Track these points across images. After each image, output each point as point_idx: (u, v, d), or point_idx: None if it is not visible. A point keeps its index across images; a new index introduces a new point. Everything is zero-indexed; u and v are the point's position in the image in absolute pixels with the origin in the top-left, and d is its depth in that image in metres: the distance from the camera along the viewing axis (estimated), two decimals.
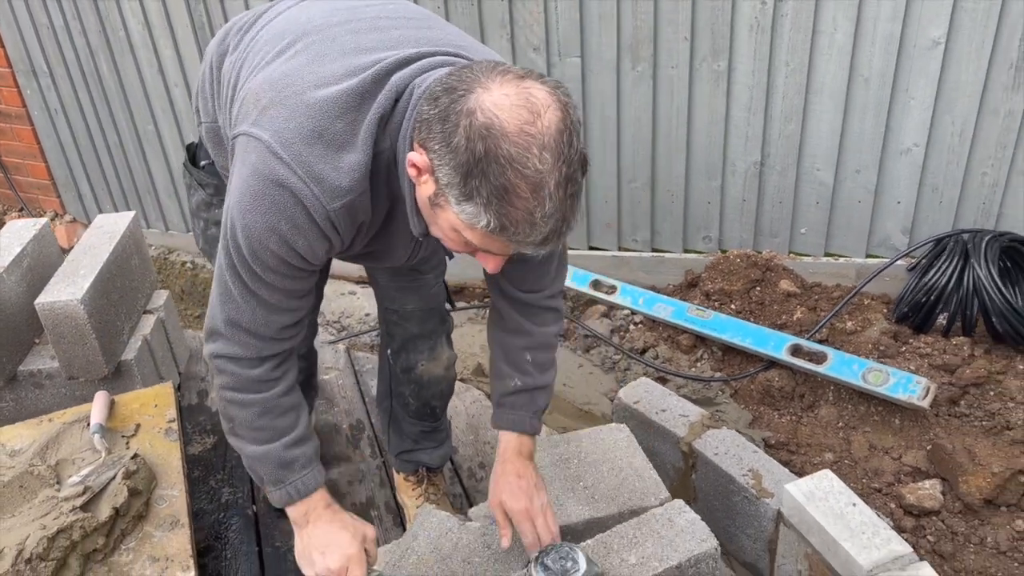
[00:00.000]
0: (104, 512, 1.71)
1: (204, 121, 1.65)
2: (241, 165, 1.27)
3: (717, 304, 2.84)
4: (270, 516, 2.23)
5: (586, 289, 3.05)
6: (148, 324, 2.58)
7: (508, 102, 1.08)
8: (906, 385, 2.27)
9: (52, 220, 4.16)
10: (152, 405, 2.12)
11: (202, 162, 1.74)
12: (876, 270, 2.69)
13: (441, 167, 1.12)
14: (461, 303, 3.24)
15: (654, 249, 3.13)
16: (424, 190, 1.18)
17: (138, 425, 2.05)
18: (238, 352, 1.39)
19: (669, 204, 3.02)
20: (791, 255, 2.95)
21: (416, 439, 2.11)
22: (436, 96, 1.14)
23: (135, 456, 1.86)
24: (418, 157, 1.15)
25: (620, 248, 3.17)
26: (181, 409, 2.42)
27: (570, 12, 2.77)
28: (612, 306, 3.00)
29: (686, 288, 3.01)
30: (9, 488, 1.77)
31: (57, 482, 1.82)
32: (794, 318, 2.70)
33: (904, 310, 2.54)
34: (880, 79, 2.57)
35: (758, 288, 2.84)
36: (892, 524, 2.01)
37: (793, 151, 2.78)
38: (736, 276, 2.86)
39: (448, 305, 2.01)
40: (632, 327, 2.91)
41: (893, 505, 2.11)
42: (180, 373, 2.80)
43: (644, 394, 2.18)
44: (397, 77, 1.24)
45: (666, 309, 2.84)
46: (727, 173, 2.90)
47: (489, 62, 1.17)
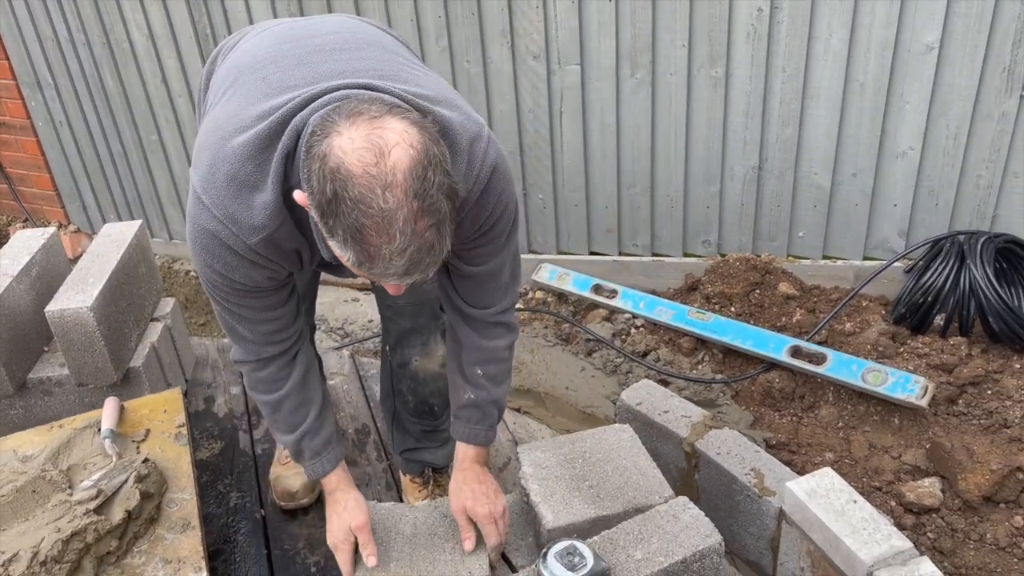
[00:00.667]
0: (117, 515, 1.74)
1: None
2: (187, 207, 1.40)
3: (717, 307, 2.87)
4: (278, 519, 2.25)
5: (587, 293, 3.09)
6: (155, 331, 2.61)
7: (353, 145, 1.13)
8: (905, 385, 2.30)
9: (56, 230, 4.18)
10: (161, 411, 2.15)
11: None
12: (874, 272, 2.73)
13: (311, 206, 1.19)
14: None
15: (654, 254, 3.16)
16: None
17: (148, 430, 2.08)
18: (246, 357, 1.60)
19: (669, 209, 3.05)
20: (790, 258, 2.98)
21: (418, 438, 2.15)
22: (308, 140, 1.21)
23: (146, 460, 1.88)
24: (299, 195, 1.23)
25: (621, 253, 3.20)
26: (188, 415, 2.44)
27: (569, 21, 2.81)
28: (613, 310, 3.04)
29: (686, 292, 3.04)
30: (22, 493, 1.80)
31: (69, 487, 1.84)
32: (793, 320, 2.74)
33: (902, 311, 2.58)
34: (875, 84, 2.61)
35: (757, 291, 2.87)
36: (893, 522, 2.04)
37: (790, 155, 2.81)
38: (736, 279, 2.89)
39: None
40: (633, 330, 2.95)
41: (893, 503, 2.14)
42: (187, 380, 2.82)
43: (647, 396, 2.20)
44: (299, 117, 1.29)
45: (667, 312, 2.87)
46: (726, 178, 2.94)
47: (361, 101, 1.21)
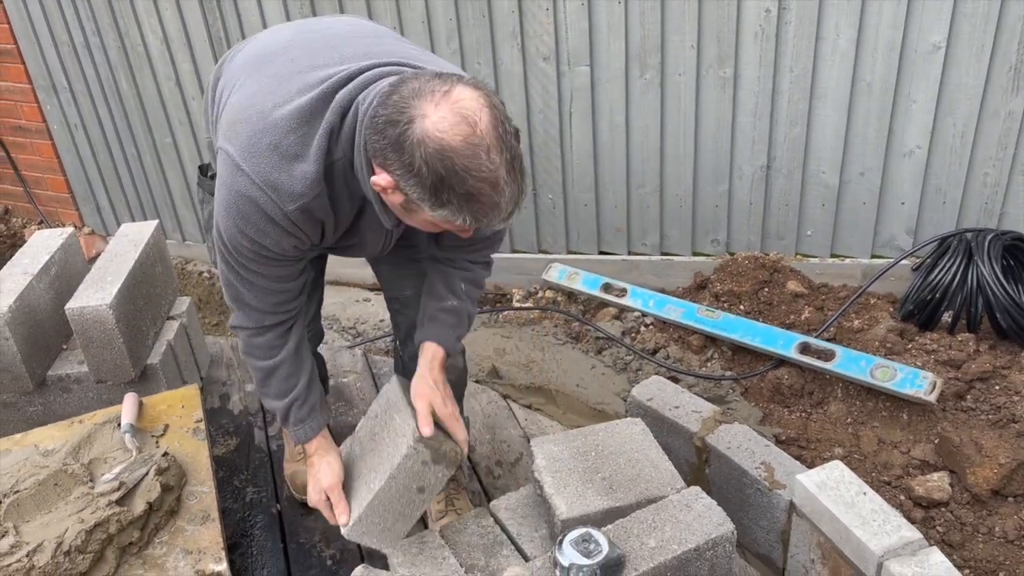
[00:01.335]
0: (138, 507, 1.77)
1: (208, 138, 1.81)
2: (219, 176, 1.48)
3: (726, 305, 2.90)
4: (294, 513, 2.28)
5: (597, 292, 3.11)
6: (171, 329, 2.65)
7: (446, 123, 1.26)
8: (913, 380, 2.32)
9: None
10: (179, 406, 2.18)
11: (205, 171, 1.93)
12: (882, 270, 2.75)
13: (409, 187, 1.31)
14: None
15: (663, 253, 3.19)
16: (393, 199, 1.38)
17: (166, 425, 2.11)
18: (246, 323, 1.67)
19: (677, 208, 3.08)
20: (798, 256, 3.00)
21: None
22: (381, 128, 1.31)
23: (166, 454, 1.92)
24: (383, 179, 1.34)
25: (630, 252, 3.23)
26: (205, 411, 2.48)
27: (579, 23, 2.84)
28: (623, 308, 3.06)
29: (695, 290, 3.07)
30: (44, 486, 1.83)
31: (90, 480, 1.87)
32: (802, 318, 2.76)
33: (910, 308, 2.60)
34: (882, 83, 2.64)
35: (766, 289, 2.90)
36: (902, 516, 2.06)
37: (799, 155, 2.84)
38: (744, 278, 2.92)
39: None
40: (643, 328, 2.97)
41: (903, 497, 2.15)
42: (202, 377, 2.86)
43: (657, 391, 2.22)
44: (342, 93, 1.41)
45: (676, 311, 2.90)
46: (734, 177, 2.96)
47: (415, 79, 1.32)
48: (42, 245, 2.60)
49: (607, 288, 3.13)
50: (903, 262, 2.75)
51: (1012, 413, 2.22)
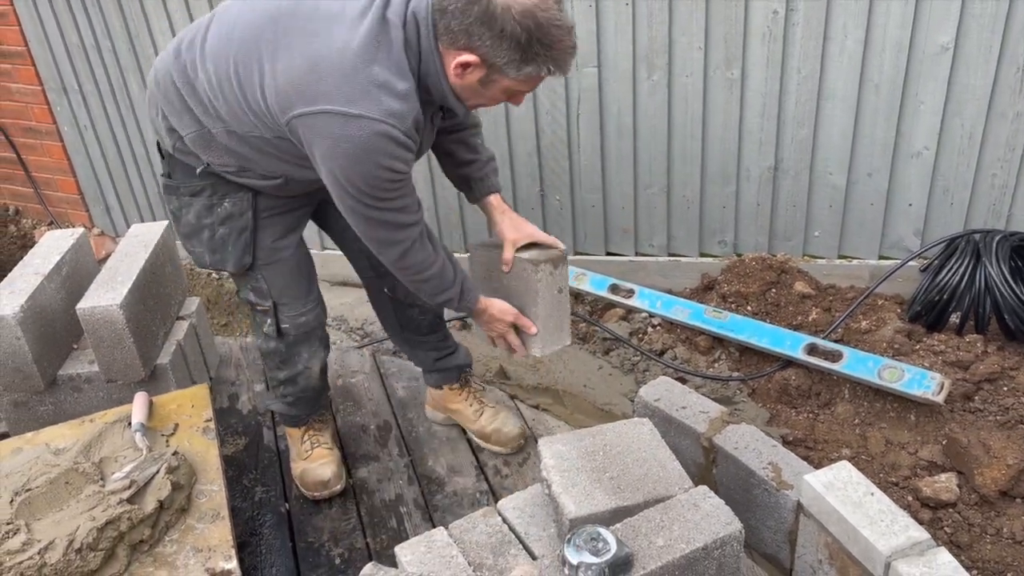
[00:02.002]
0: (149, 505, 1.79)
1: (186, 134, 1.84)
2: (323, 137, 1.58)
3: (733, 306, 2.90)
4: (303, 513, 2.30)
5: (604, 293, 3.12)
6: (181, 330, 2.67)
7: None
8: (921, 381, 2.31)
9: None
10: (189, 405, 2.20)
11: (176, 177, 1.98)
12: (889, 271, 2.75)
13: (499, 53, 1.54)
14: None
15: (670, 254, 3.19)
16: (472, 77, 1.61)
17: (176, 424, 2.13)
18: (412, 237, 1.80)
19: (685, 209, 3.08)
20: (805, 258, 3.00)
21: (440, 349, 2.43)
22: (462, 11, 1.52)
23: (176, 452, 1.93)
24: (469, 57, 1.57)
25: (637, 253, 3.23)
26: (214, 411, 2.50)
27: (587, 23, 2.85)
28: (630, 309, 3.07)
29: (702, 291, 3.07)
30: (55, 484, 1.85)
31: (101, 478, 1.89)
32: (809, 319, 2.76)
33: (918, 309, 2.60)
34: (890, 84, 2.64)
35: (773, 290, 2.90)
36: (910, 516, 2.06)
37: (806, 156, 2.84)
38: (752, 279, 2.92)
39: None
40: (650, 329, 2.98)
41: (910, 498, 2.15)
42: (211, 378, 2.88)
43: (665, 392, 2.23)
44: (392, 11, 1.58)
45: (683, 311, 2.90)
46: (741, 178, 2.97)
47: None
48: (53, 245, 2.62)
49: (614, 289, 3.13)
50: (911, 263, 2.75)
51: (1020, 414, 2.22)
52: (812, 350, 2.59)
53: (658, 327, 2.98)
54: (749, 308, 2.88)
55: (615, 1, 2.78)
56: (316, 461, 2.33)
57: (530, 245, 2.07)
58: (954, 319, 2.56)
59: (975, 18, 2.47)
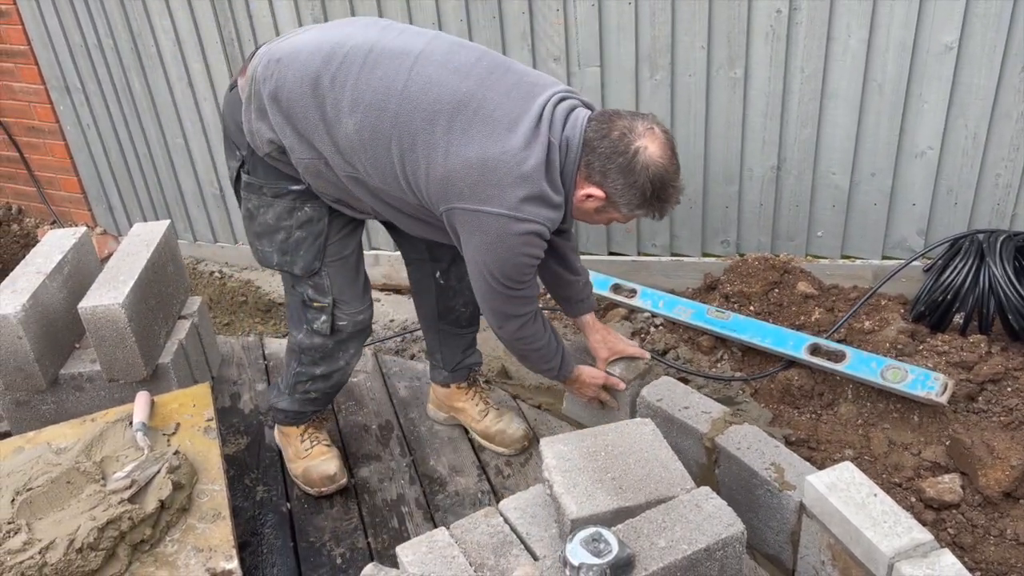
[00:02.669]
0: (150, 504, 1.79)
1: (297, 158, 1.89)
2: (484, 232, 1.80)
3: (736, 306, 2.89)
4: (304, 513, 2.29)
5: (607, 293, 3.11)
6: (183, 329, 2.67)
7: (659, 152, 1.79)
8: (924, 382, 2.31)
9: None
10: (191, 405, 2.20)
11: (259, 176, 2.00)
12: (892, 271, 2.74)
13: (622, 196, 1.83)
14: None
15: (673, 253, 3.18)
16: (590, 205, 1.88)
17: (178, 424, 2.13)
18: (529, 310, 2.02)
19: (687, 209, 3.08)
20: (808, 258, 3.00)
21: (464, 348, 2.50)
22: (607, 155, 1.79)
23: (177, 452, 1.93)
24: (597, 192, 1.84)
25: (639, 253, 3.23)
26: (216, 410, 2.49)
27: (590, 23, 2.84)
28: (633, 309, 3.06)
29: (705, 291, 3.06)
30: (56, 484, 1.85)
31: (102, 478, 1.89)
32: (812, 319, 2.75)
33: (921, 309, 2.59)
34: (894, 84, 2.63)
35: (776, 290, 2.89)
36: (913, 517, 2.05)
37: (809, 155, 2.83)
38: (754, 279, 2.91)
39: None
40: (653, 329, 2.97)
41: (913, 499, 2.14)
42: (213, 377, 2.88)
43: (667, 392, 2.23)
44: (553, 137, 1.80)
45: (686, 311, 2.89)
46: (744, 178, 2.96)
47: (619, 117, 1.82)
48: (55, 244, 2.62)
49: (617, 289, 3.13)
50: (914, 263, 2.74)
51: None
52: (815, 350, 2.58)
53: (660, 327, 2.97)
54: (752, 308, 2.87)
55: (618, 0, 2.78)
56: (318, 458, 2.33)
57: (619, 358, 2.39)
58: (958, 319, 2.55)
59: (979, 18, 2.46)
